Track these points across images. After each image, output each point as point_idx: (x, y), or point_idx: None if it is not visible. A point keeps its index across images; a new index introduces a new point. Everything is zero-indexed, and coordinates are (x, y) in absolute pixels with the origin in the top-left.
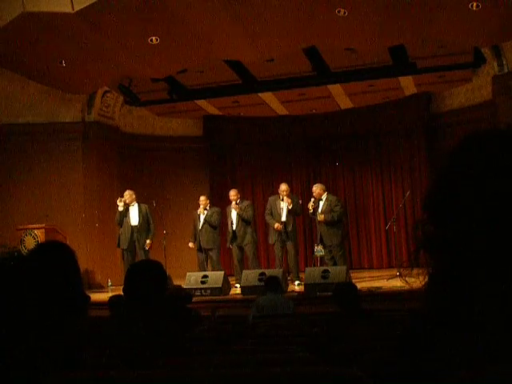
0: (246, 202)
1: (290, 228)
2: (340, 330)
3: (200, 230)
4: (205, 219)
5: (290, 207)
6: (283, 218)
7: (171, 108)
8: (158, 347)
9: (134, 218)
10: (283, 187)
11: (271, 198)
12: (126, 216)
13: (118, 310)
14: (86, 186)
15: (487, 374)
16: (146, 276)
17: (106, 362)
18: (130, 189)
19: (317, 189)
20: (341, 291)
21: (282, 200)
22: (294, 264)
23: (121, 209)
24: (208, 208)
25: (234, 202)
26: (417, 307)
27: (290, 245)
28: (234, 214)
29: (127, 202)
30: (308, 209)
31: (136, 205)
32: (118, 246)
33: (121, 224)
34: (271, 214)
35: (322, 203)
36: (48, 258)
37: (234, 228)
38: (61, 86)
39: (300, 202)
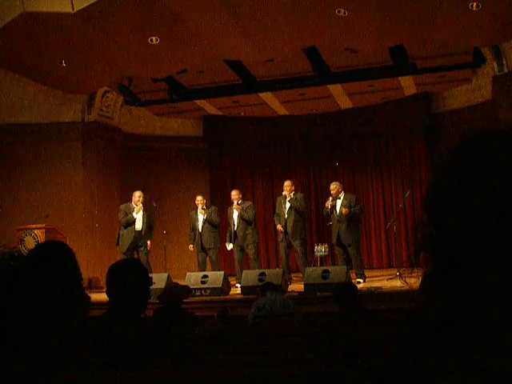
0: (247, 203)
1: (290, 225)
2: (340, 330)
3: (201, 230)
4: (205, 219)
5: (289, 202)
6: (285, 216)
7: (171, 108)
8: (157, 347)
9: (138, 221)
10: (286, 183)
11: (278, 198)
12: (134, 222)
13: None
14: (86, 186)
15: (486, 373)
16: (125, 275)
17: (106, 361)
18: (132, 189)
19: (336, 187)
20: (341, 291)
21: (286, 198)
22: (304, 263)
23: (136, 215)
24: (205, 207)
25: (235, 202)
26: (415, 307)
27: (296, 244)
28: (235, 215)
29: (138, 207)
30: (326, 207)
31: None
32: (117, 244)
33: (126, 226)
34: (278, 214)
35: (339, 202)
36: (48, 258)
37: (235, 228)
38: (61, 86)
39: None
